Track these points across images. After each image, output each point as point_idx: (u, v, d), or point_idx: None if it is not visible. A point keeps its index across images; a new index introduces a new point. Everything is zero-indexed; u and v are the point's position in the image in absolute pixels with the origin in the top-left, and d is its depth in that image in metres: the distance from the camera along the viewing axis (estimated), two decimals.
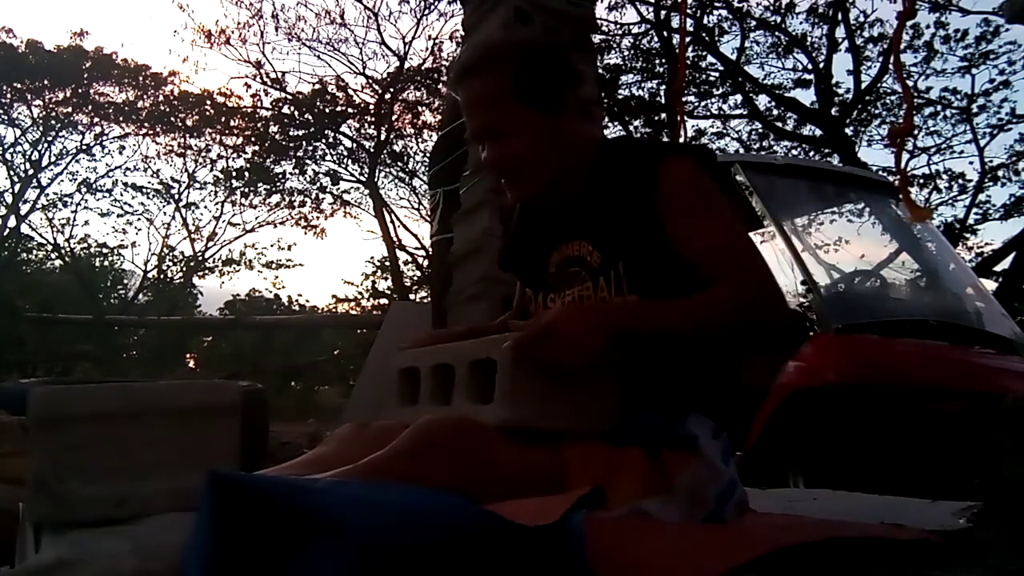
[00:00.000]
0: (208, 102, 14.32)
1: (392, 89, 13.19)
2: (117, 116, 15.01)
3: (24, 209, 15.63)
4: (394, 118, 13.45)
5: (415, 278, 14.62)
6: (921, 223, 4.31)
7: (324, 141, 13.97)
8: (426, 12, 12.61)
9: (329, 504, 0.78)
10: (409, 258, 14.71)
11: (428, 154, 7.20)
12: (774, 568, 0.95)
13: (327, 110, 13.34)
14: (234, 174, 15.21)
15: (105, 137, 15.56)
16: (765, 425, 3.17)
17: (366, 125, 13.76)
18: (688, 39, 9.32)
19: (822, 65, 10.93)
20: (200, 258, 17.05)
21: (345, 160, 14.42)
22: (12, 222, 15.54)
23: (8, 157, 15.24)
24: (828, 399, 3.13)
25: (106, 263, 17.68)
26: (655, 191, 1.24)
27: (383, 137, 13.68)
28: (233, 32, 13.15)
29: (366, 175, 13.90)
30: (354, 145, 14.03)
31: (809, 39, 11.24)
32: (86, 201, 16.44)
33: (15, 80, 14.10)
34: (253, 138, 14.09)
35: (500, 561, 0.81)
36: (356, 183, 14.62)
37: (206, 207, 16.53)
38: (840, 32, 10.68)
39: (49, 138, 15.38)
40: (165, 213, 16.86)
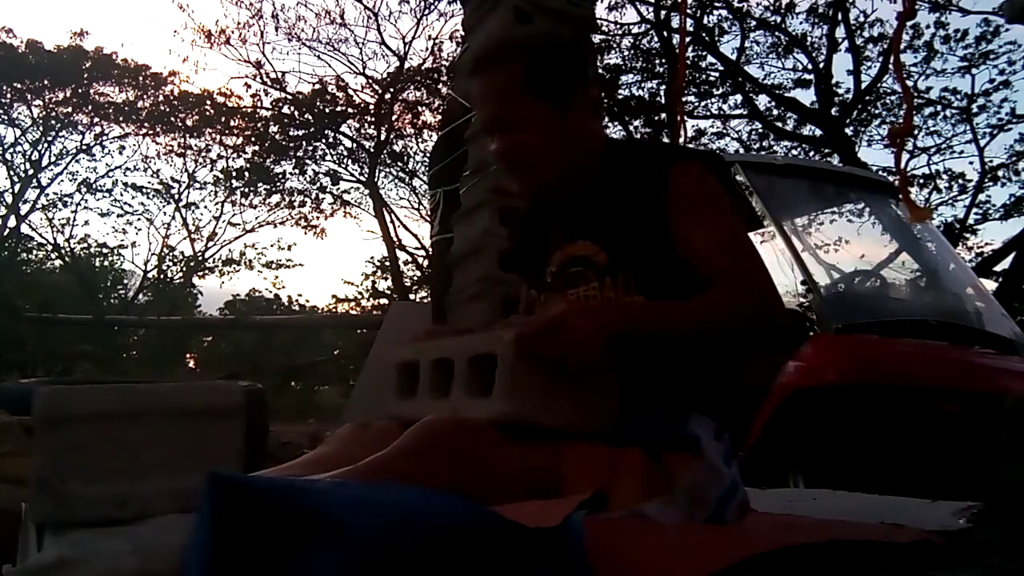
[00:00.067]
0: (208, 102, 14.35)
1: (392, 89, 13.20)
2: (117, 116, 15.03)
3: (24, 209, 15.69)
4: (394, 118, 13.49)
5: (415, 278, 14.64)
6: (921, 223, 4.31)
7: (324, 141, 13.98)
8: (426, 12, 12.66)
9: (329, 504, 0.78)
10: (409, 258, 14.75)
11: (428, 154, 7.21)
12: (774, 568, 0.95)
13: (327, 110, 13.35)
14: (234, 174, 15.24)
15: (105, 137, 15.62)
16: (765, 425, 3.17)
17: (366, 125, 13.79)
18: (688, 39, 9.32)
19: (822, 65, 10.95)
20: (200, 258, 17.08)
21: (345, 160, 14.46)
22: (12, 222, 15.59)
23: (8, 157, 15.28)
24: (828, 399, 3.13)
25: (106, 263, 17.72)
26: (664, 194, 1.25)
27: (383, 137, 13.70)
28: (233, 32, 13.20)
29: (366, 175, 13.92)
30: (354, 145, 14.06)
31: (809, 39, 11.27)
32: (86, 201, 16.51)
33: (15, 80, 14.11)
34: (253, 138, 14.11)
35: (500, 561, 0.81)
36: (356, 183, 14.67)
37: (206, 207, 16.60)
38: (840, 32, 10.70)
39: (49, 138, 15.42)
40: (165, 213, 16.95)
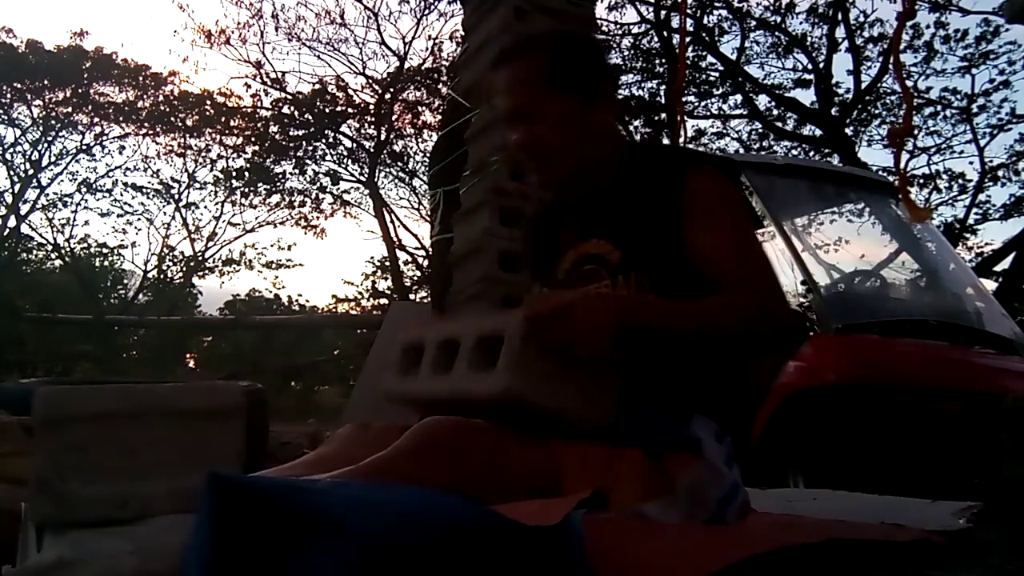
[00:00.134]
0: (208, 102, 14.35)
1: (392, 89, 13.20)
2: (117, 116, 15.03)
3: (24, 209, 15.69)
4: (394, 118, 13.48)
5: (415, 278, 14.63)
6: (921, 223, 4.31)
7: (324, 141, 13.98)
8: (426, 12, 12.65)
9: (329, 504, 0.78)
10: (409, 258, 14.74)
11: (428, 154, 7.21)
12: (774, 568, 0.95)
13: (327, 110, 13.35)
14: (234, 174, 15.24)
15: (105, 137, 15.61)
16: (765, 425, 3.17)
17: (366, 125, 13.78)
18: (688, 39, 9.31)
19: (822, 65, 10.94)
20: (200, 258, 17.07)
21: (345, 160, 14.45)
22: (12, 222, 15.59)
23: (8, 157, 15.28)
24: (828, 399, 3.13)
25: (106, 263, 17.72)
26: (680, 196, 1.26)
27: (383, 137, 13.70)
28: (233, 32, 13.19)
29: (366, 175, 13.91)
30: (354, 145, 14.06)
31: (809, 39, 11.25)
32: (86, 201, 16.49)
33: (15, 80, 14.11)
34: (253, 138, 14.10)
35: (500, 561, 0.81)
36: (356, 183, 14.66)
37: (206, 207, 16.59)
38: (840, 32, 10.69)
39: (49, 138, 15.42)
40: (165, 213, 16.93)
